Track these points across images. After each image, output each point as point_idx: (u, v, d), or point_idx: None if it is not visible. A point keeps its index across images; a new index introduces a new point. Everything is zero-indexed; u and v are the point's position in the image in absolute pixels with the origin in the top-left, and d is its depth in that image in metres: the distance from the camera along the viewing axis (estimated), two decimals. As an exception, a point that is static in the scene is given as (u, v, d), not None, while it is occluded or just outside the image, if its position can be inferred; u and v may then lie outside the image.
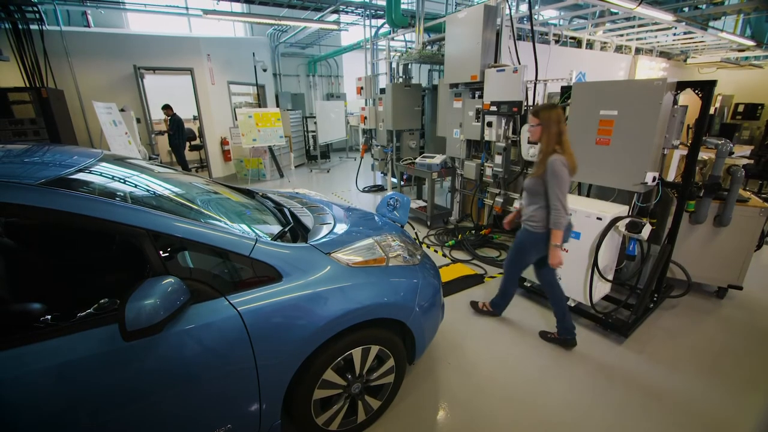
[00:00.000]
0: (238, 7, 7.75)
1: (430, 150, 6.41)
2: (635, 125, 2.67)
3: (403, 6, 6.49)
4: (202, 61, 7.60)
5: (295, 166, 9.66)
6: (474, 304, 3.16)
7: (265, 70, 8.62)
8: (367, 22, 6.68)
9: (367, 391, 1.98)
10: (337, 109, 10.27)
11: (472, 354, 2.66)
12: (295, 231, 2.03)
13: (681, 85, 2.61)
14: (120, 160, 2.02)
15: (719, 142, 2.91)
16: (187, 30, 9.90)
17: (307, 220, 2.20)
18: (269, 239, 1.74)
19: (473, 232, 4.74)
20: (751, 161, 6.30)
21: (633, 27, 6.60)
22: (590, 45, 6.53)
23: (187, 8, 8.14)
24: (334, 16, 8.13)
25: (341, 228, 2.13)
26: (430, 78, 7.68)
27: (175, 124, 7.36)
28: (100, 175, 1.68)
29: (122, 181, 1.74)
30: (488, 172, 4.53)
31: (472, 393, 2.32)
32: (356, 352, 1.83)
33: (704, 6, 8.45)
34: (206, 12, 6.20)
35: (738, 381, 2.41)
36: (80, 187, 1.47)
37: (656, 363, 2.56)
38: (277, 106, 10.20)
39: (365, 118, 6.92)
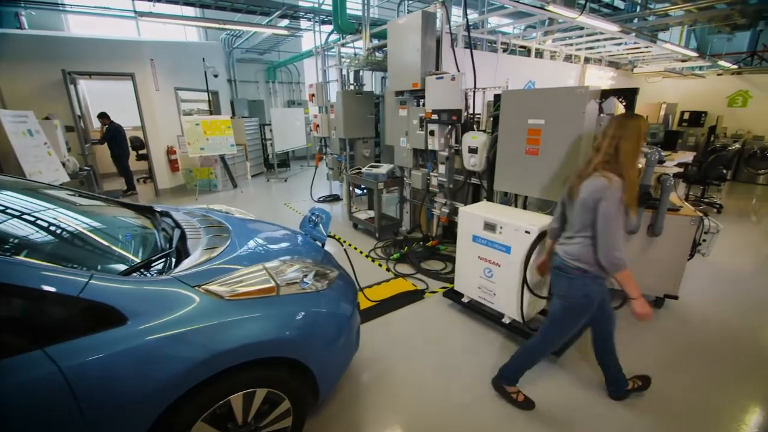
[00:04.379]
0: (178, 9, 7.38)
1: (386, 158, 6.25)
2: (561, 134, 2.58)
3: (354, 12, 6.36)
4: (145, 66, 7.18)
5: (252, 176, 9.29)
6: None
7: (216, 76, 8.25)
8: (318, 27, 6.49)
9: (258, 439, 1.73)
10: (297, 116, 10.00)
11: (402, 379, 2.46)
12: (173, 257, 1.78)
13: (605, 94, 2.54)
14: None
15: (648, 151, 2.87)
16: (135, 34, 9.42)
17: (195, 244, 1.95)
18: (115, 273, 1.48)
19: (421, 243, 4.59)
20: (694, 167, 6.51)
21: (582, 37, 6.72)
22: (540, 54, 6.59)
23: (135, 11, 7.67)
24: (285, 21, 7.91)
25: (231, 253, 1.89)
26: (384, 85, 7.56)
27: (110, 133, 6.87)
28: None
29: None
30: (434, 181, 4.40)
31: (401, 422, 2.11)
32: (236, 399, 1.59)
33: (650, 17, 8.78)
34: (141, 14, 5.84)
35: (672, 400, 2.31)
36: None
37: (589, 383, 2.44)
38: (233, 113, 9.83)
39: (318, 125, 6.71)
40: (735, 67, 9.41)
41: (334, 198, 7.16)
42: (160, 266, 1.68)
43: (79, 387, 1.22)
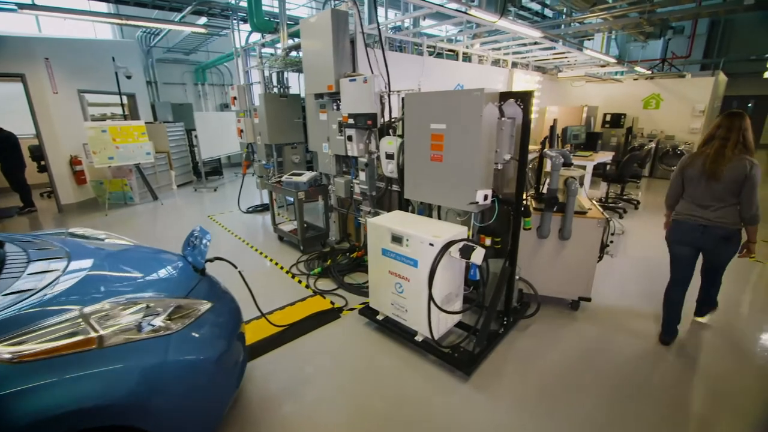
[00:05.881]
0: (84, 4, 6.59)
1: (317, 164, 5.96)
2: (462, 139, 2.45)
3: (273, 9, 6.01)
4: (38, 66, 6.34)
5: (179, 186, 8.57)
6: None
7: (129, 77, 7.49)
8: (237, 26, 6.06)
9: None
10: (230, 120, 9.39)
11: (302, 419, 2.18)
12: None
13: (504, 96, 2.45)
14: None
15: (553, 155, 2.84)
16: (35, 31, 8.36)
17: (3, 285, 1.55)
18: None
19: (347, 254, 4.35)
20: (612, 167, 6.87)
21: (509, 41, 6.86)
22: (468, 58, 6.63)
23: (16, 4, 6.76)
24: (203, 19, 7.36)
25: (48, 294, 1.52)
26: (313, 88, 7.28)
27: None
28: None
29: None
30: (357, 189, 4.19)
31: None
32: (34, 489, 1.23)
33: (573, 24, 9.26)
34: (21, 6, 5.08)
35: (585, 410, 2.24)
36: None
37: (498, 402, 2.30)
38: (155, 118, 9.03)
39: (242, 131, 6.27)
40: (648, 72, 10.21)
41: (264, 207, 6.73)
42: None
43: None
